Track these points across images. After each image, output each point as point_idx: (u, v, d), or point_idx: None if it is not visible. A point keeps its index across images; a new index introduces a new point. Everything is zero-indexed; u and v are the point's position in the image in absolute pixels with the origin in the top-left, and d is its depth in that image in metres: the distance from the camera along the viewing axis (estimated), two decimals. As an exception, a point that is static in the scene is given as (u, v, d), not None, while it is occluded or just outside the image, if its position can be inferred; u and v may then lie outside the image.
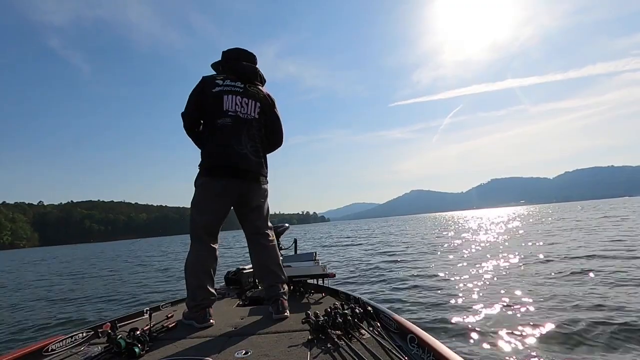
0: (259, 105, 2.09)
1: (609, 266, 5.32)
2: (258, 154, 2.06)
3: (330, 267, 5.32)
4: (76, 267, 14.85)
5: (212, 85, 2.01)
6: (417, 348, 1.35)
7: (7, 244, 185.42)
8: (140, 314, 2.19)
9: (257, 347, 1.48)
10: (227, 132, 1.96)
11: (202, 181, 1.99)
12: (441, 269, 6.44)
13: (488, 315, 3.40)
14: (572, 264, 5.83)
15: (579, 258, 6.31)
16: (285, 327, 1.75)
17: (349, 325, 1.57)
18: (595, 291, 3.97)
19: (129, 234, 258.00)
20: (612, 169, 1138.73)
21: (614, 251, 6.74)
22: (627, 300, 3.53)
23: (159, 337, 1.68)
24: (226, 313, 2.15)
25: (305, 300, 2.39)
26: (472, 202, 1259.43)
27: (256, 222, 2.12)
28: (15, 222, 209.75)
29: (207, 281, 1.94)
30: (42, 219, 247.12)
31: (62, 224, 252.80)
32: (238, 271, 3.06)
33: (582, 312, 3.29)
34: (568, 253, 6.99)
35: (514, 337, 2.81)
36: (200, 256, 1.96)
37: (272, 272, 2.07)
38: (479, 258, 7.46)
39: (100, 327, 1.78)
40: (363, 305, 1.83)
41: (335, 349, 1.40)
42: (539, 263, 6.18)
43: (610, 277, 4.59)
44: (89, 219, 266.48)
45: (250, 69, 2.16)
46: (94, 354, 1.47)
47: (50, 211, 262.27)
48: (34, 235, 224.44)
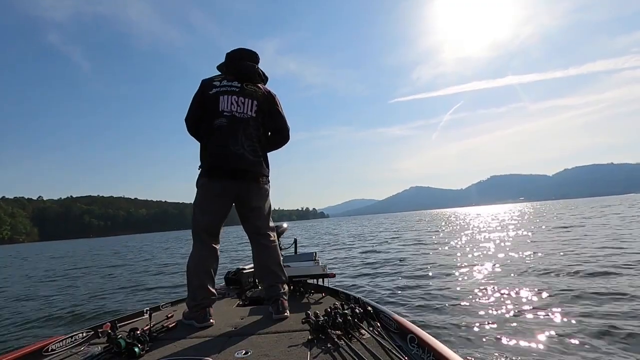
0: (257, 103, 2.08)
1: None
2: (256, 153, 2.05)
3: (330, 267, 5.32)
4: (74, 263, 14.87)
5: (209, 88, 2.03)
6: (417, 348, 1.36)
7: (6, 239, 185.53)
8: (140, 314, 2.19)
9: (257, 347, 1.48)
10: (223, 133, 1.97)
11: (202, 182, 2.01)
12: (441, 268, 6.46)
13: (488, 315, 3.40)
14: (574, 264, 5.84)
15: (581, 258, 6.32)
16: (285, 327, 1.75)
17: (349, 325, 1.57)
18: (604, 290, 3.92)
19: (129, 229, 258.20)
20: (611, 166, 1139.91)
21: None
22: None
23: (159, 337, 1.69)
24: (226, 313, 2.15)
25: (305, 300, 2.40)
26: (472, 199, 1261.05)
27: (256, 222, 2.12)
28: (14, 217, 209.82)
29: (207, 281, 1.94)
30: (42, 214, 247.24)
31: (61, 219, 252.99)
32: (238, 271, 3.06)
33: (584, 313, 3.27)
34: (572, 251, 7.00)
35: (514, 337, 2.80)
36: (202, 256, 1.98)
37: (272, 272, 2.07)
38: (479, 257, 7.47)
39: (100, 327, 1.78)
40: (363, 305, 1.84)
41: (335, 349, 1.40)
42: (541, 262, 6.20)
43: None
44: (88, 214, 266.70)
45: (249, 68, 2.14)
46: (94, 354, 1.47)
47: (50, 206, 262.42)
48: (33, 230, 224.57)
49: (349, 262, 8.22)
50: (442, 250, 9.18)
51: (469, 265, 6.38)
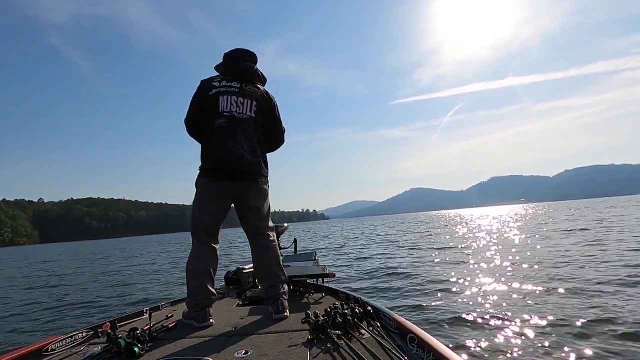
0: (256, 104, 2.09)
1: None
2: (255, 153, 2.05)
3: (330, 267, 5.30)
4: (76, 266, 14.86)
5: (209, 88, 2.02)
6: (417, 348, 1.36)
7: (7, 241, 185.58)
8: (140, 314, 2.19)
9: (257, 347, 1.48)
10: (223, 133, 1.97)
11: (202, 182, 2.01)
12: (441, 267, 6.45)
13: (489, 315, 3.40)
14: (576, 264, 5.82)
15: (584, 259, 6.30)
16: (285, 327, 1.75)
17: (349, 325, 1.57)
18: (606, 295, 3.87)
19: (129, 232, 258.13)
20: (612, 167, 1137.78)
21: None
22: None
23: (159, 337, 1.68)
24: (226, 313, 2.14)
25: (305, 300, 2.39)
26: (472, 201, 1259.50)
27: (256, 223, 2.12)
28: (15, 220, 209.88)
29: (207, 281, 1.94)
30: (42, 216, 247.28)
31: (62, 221, 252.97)
32: (238, 271, 3.05)
33: (587, 313, 3.28)
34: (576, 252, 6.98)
35: (515, 337, 2.80)
36: (201, 256, 1.98)
37: (272, 272, 2.07)
38: (481, 257, 7.46)
39: (100, 327, 1.78)
40: (363, 305, 1.83)
41: (335, 349, 1.40)
42: (542, 263, 6.18)
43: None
44: (88, 217, 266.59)
45: (248, 69, 2.15)
46: (94, 354, 1.46)
47: (51, 208, 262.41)
48: (34, 232, 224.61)
49: (348, 262, 8.21)
50: (441, 249, 9.16)
51: (471, 264, 6.37)
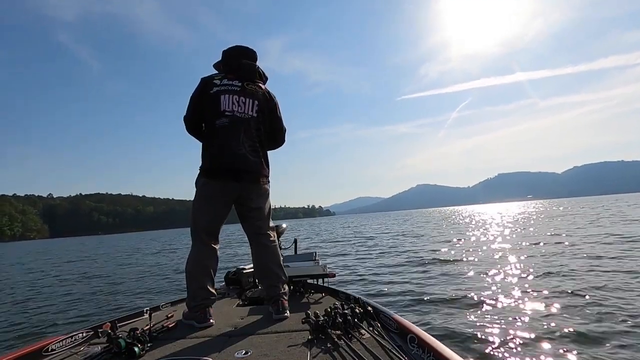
0: (257, 103, 2.06)
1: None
2: (257, 153, 2.04)
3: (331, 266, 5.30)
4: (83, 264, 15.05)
5: (210, 86, 1.99)
6: (417, 348, 1.36)
7: (17, 236, 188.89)
8: (140, 314, 2.20)
9: (257, 347, 1.48)
10: (225, 133, 1.95)
11: (202, 182, 1.99)
12: (442, 268, 6.42)
13: (489, 315, 3.37)
14: (578, 264, 5.75)
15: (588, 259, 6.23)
16: (285, 327, 1.75)
17: (349, 325, 1.57)
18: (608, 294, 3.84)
19: (137, 227, 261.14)
20: (621, 164, 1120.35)
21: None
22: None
23: (159, 337, 1.69)
24: (226, 313, 2.15)
25: (305, 300, 2.39)
26: (478, 197, 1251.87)
27: (257, 223, 2.11)
28: (25, 214, 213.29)
29: (207, 281, 1.94)
30: (52, 211, 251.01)
31: (71, 216, 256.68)
32: (238, 271, 3.05)
33: (588, 313, 3.24)
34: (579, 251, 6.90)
35: (515, 337, 2.78)
36: (201, 256, 1.97)
37: (272, 272, 2.06)
38: (483, 257, 7.41)
39: (100, 327, 1.79)
40: (363, 305, 1.83)
41: (335, 349, 1.40)
42: (545, 262, 6.12)
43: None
44: (97, 212, 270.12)
45: (249, 67, 2.12)
46: (94, 354, 1.48)
47: (60, 203, 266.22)
48: (43, 227, 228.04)
49: (350, 263, 8.20)
50: (442, 247, 9.12)
51: (471, 265, 6.33)
